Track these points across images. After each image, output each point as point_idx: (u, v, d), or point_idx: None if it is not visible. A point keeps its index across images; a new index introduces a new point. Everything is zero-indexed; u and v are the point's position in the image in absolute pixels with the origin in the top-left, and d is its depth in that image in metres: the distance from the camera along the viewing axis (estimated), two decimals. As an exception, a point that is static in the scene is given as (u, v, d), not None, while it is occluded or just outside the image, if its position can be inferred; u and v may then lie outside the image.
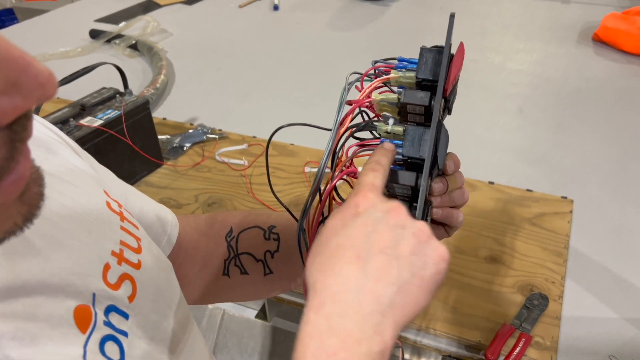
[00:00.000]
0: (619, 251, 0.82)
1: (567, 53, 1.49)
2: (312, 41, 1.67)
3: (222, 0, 2.06)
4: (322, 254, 0.35)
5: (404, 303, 0.32)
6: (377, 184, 0.38)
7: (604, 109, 1.21)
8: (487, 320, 0.71)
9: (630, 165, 1.01)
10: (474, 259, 0.80)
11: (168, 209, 0.59)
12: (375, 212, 0.35)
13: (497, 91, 1.30)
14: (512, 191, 0.94)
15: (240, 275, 0.59)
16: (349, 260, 0.33)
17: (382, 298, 0.32)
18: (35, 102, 0.21)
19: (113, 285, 0.38)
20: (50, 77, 0.21)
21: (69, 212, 0.38)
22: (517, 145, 1.09)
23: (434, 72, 0.42)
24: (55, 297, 0.33)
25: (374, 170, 0.39)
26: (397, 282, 0.33)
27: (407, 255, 0.34)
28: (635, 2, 1.78)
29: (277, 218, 0.59)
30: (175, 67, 1.49)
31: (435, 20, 1.80)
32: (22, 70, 0.20)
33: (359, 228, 0.35)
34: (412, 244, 0.34)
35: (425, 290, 0.33)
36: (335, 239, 0.35)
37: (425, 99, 0.41)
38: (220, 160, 1.06)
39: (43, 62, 1.01)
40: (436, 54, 0.42)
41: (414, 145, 0.42)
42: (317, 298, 0.32)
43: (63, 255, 0.35)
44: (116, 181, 0.53)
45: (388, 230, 0.34)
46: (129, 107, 0.95)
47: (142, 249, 0.44)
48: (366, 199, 0.37)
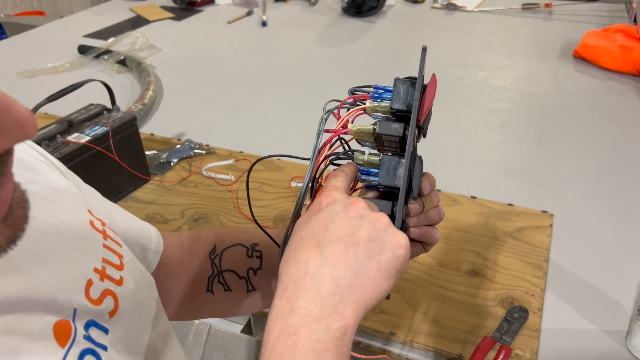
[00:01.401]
0: (597, 264, 0.84)
1: (549, 69, 1.52)
2: (300, 57, 1.69)
3: (211, 16, 2.08)
4: (288, 247, 0.38)
5: (362, 285, 0.35)
6: (339, 185, 0.42)
7: (584, 125, 1.24)
8: (469, 333, 0.72)
9: (609, 180, 1.04)
10: (456, 272, 0.82)
11: (153, 226, 0.60)
12: (335, 206, 0.39)
13: (480, 107, 1.33)
14: (494, 205, 0.96)
15: (224, 292, 0.60)
16: (309, 249, 0.36)
17: (339, 280, 0.34)
18: (14, 141, 0.22)
19: (95, 301, 0.39)
20: (30, 118, 0.22)
21: (53, 230, 0.39)
22: (499, 160, 1.11)
23: (407, 103, 0.44)
24: (36, 312, 0.34)
25: (336, 176, 0.43)
26: (354, 266, 0.35)
27: (364, 241, 0.36)
28: (615, 20, 1.83)
29: (260, 236, 0.61)
30: (163, 83, 1.50)
31: (420, 36, 1.83)
32: (2, 112, 0.21)
33: (319, 221, 0.38)
34: (369, 231, 0.37)
35: (384, 273, 0.36)
36: (299, 232, 0.38)
37: (399, 130, 0.43)
38: (207, 175, 1.07)
39: (31, 78, 1.02)
40: (409, 85, 0.44)
41: (389, 174, 0.44)
42: (282, 286, 0.35)
43: (45, 271, 0.36)
44: (101, 200, 0.54)
45: (347, 220, 0.37)
46: (117, 124, 0.95)
47: (125, 266, 0.45)
48: (328, 197, 0.40)
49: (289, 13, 2.09)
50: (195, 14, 2.09)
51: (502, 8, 2.01)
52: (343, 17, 2.01)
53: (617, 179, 1.04)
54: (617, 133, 1.20)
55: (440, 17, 1.99)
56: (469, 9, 2.04)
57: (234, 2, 2.20)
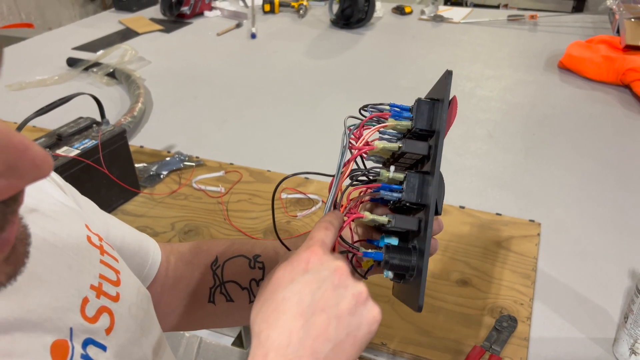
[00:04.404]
0: (584, 273, 0.85)
1: (535, 80, 1.55)
2: (289, 69, 1.70)
3: (200, 28, 2.09)
4: (269, 305, 0.38)
5: (337, 357, 0.37)
6: (327, 242, 0.43)
7: (569, 134, 1.26)
8: (458, 342, 0.73)
9: (594, 189, 1.05)
10: (446, 282, 0.82)
11: (151, 238, 0.60)
12: (322, 270, 0.39)
13: (467, 117, 1.34)
14: (482, 215, 0.97)
15: (226, 303, 0.60)
16: (293, 317, 0.37)
17: (319, 354, 0.36)
18: (30, 182, 0.23)
19: (91, 319, 0.39)
20: (46, 158, 0.23)
21: (50, 247, 0.39)
22: (487, 170, 1.12)
23: (430, 123, 0.46)
24: (33, 332, 0.34)
25: (327, 229, 0.44)
26: (333, 340, 0.37)
27: (345, 315, 0.38)
28: (598, 31, 1.86)
29: (261, 247, 0.61)
30: (153, 95, 1.50)
31: (408, 47, 1.85)
32: (20, 155, 0.21)
33: (306, 285, 0.38)
34: (351, 305, 0.38)
35: (357, 347, 0.38)
36: (282, 292, 0.38)
37: (424, 149, 0.46)
38: (197, 187, 1.07)
39: (20, 91, 1.02)
40: (431, 105, 0.47)
41: (414, 191, 0.46)
42: (262, 348, 0.36)
43: (42, 290, 0.37)
44: (98, 213, 0.54)
45: (331, 290, 0.38)
46: (106, 137, 0.96)
47: (121, 281, 0.45)
48: (316, 255, 0.40)
49: (277, 25, 2.11)
50: (185, 26, 2.10)
51: (489, 20, 2.04)
52: (332, 29, 2.03)
53: (602, 188, 1.05)
54: (601, 142, 1.22)
55: (428, 28, 2.02)
56: (456, 20, 2.06)
57: (223, 15, 2.21)
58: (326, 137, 1.24)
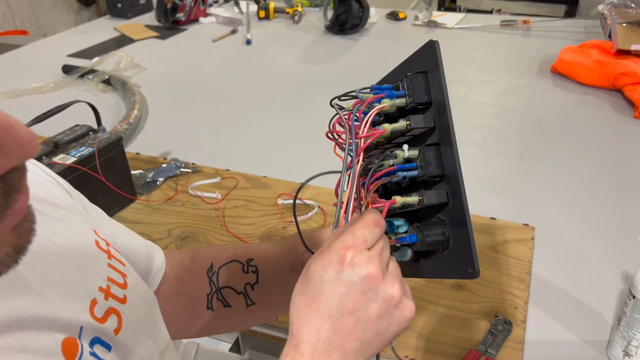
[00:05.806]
0: (578, 276, 0.86)
1: (528, 84, 1.56)
2: (284, 74, 1.71)
3: (195, 35, 2.10)
4: (300, 300, 0.40)
5: (366, 352, 0.40)
6: (369, 241, 0.40)
7: (562, 139, 1.27)
8: (454, 346, 0.73)
9: (587, 192, 1.07)
10: (441, 286, 0.83)
11: (157, 245, 0.61)
12: (352, 274, 0.39)
13: (461, 122, 1.35)
14: (477, 219, 0.98)
15: (224, 308, 0.61)
16: (321, 317, 0.39)
17: (346, 349, 0.39)
18: (17, 160, 0.23)
19: (100, 319, 0.41)
20: (32, 139, 0.23)
21: (60, 249, 0.41)
22: (481, 175, 1.13)
23: (428, 94, 0.46)
24: (45, 330, 0.36)
25: (376, 226, 0.41)
26: (362, 339, 0.39)
27: (374, 318, 0.39)
28: (590, 35, 1.88)
29: (254, 250, 0.62)
30: (148, 102, 1.51)
31: (402, 53, 1.86)
32: (6, 134, 0.22)
33: (334, 288, 0.39)
34: (381, 309, 0.39)
35: (386, 342, 0.40)
36: (313, 290, 0.40)
37: (431, 122, 0.46)
38: (194, 194, 1.07)
39: (15, 98, 1.02)
40: (424, 76, 0.46)
41: (431, 164, 0.45)
42: (295, 339, 0.39)
43: (54, 291, 0.38)
44: (105, 219, 0.56)
45: (360, 295, 0.39)
46: (102, 144, 0.96)
47: (128, 285, 0.47)
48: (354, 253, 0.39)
49: (273, 31, 2.12)
50: (180, 33, 2.11)
51: (482, 25, 2.06)
52: (326, 34, 2.04)
53: (595, 191, 1.06)
54: (594, 146, 1.23)
55: (422, 34, 2.03)
56: (450, 26, 2.08)
57: (218, 21, 2.22)
58: (322, 142, 1.24)
